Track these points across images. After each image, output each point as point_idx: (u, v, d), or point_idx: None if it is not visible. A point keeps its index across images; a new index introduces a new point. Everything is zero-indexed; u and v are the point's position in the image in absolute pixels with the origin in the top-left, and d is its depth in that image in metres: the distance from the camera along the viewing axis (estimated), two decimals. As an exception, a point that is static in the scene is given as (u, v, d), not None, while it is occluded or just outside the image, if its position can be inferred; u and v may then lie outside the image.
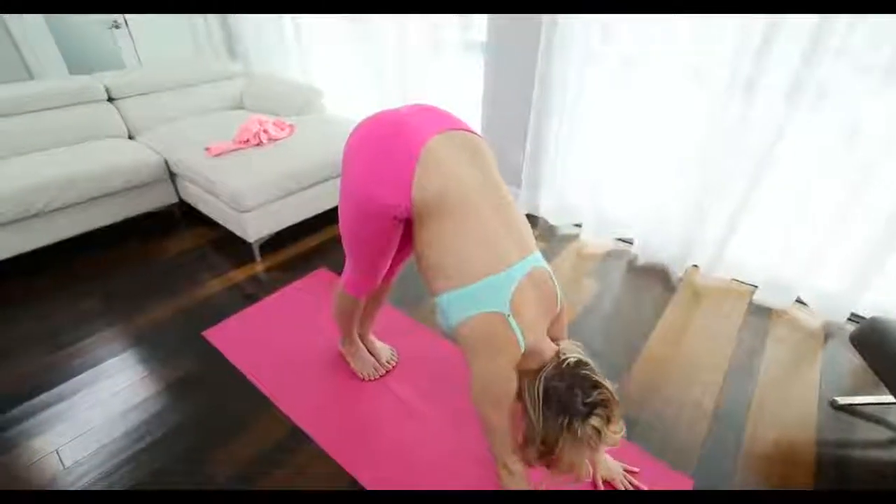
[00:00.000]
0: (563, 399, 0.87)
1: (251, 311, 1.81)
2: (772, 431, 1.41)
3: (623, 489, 1.18)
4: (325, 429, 1.36)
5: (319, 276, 2.04)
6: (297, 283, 1.98)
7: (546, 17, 2.00)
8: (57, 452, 1.30)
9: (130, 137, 2.47)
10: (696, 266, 2.13)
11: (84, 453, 1.29)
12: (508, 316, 0.90)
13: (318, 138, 2.32)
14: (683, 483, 1.24)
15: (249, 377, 1.52)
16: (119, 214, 2.17)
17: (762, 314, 1.90)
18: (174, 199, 2.36)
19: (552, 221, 2.49)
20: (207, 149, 2.11)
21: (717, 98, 1.75)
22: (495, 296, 0.90)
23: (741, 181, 1.83)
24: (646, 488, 1.19)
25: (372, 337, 1.58)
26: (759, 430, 1.42)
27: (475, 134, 1.04)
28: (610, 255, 2.28)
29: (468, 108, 2.60)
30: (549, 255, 2.25)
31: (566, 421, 0.86)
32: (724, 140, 1.80)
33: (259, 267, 2.09)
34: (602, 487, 1.19)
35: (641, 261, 2.21)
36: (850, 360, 1.70)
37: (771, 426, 1.43)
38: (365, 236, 1.11)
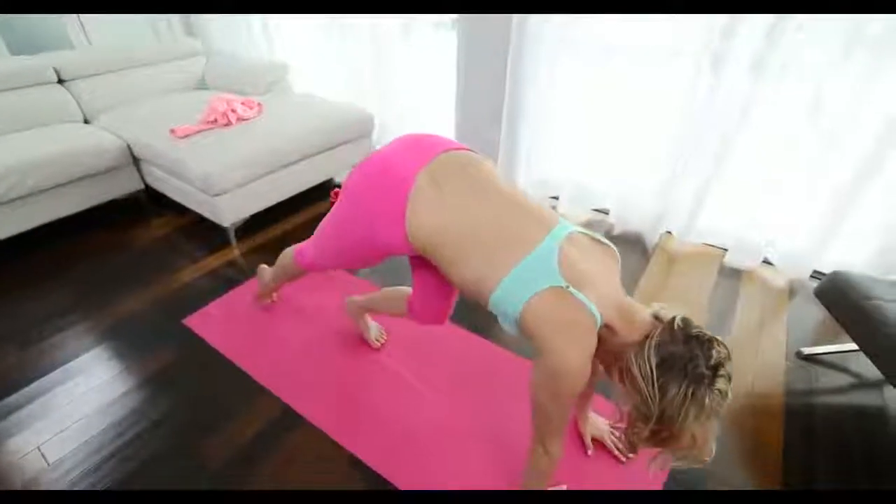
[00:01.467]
0: (684, 365, 0.76)
1: (231, 296, 1.78)
2: (744, 384, 1.50)
3: (612, 445, 1.24)
4: (318, 407, 1.37)
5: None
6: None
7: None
8: (39, 449, 1.26)
9: (86, 122, 2.33)
10: (669, 232, 2.20)
11: (68, 449, 1.26)
12: (567, 287, 0.82)
13: (289, 117, 2.25)
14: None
15: (235, 361, 1.50)
16: (82, 203, 2.07)
17: (733, 275, 1.99)
18: (140, 186, 2.26)
19: (530, 194, 2.51)
20: (172, 130, 2.01)
21: (687, 73, 1.79)
22: (541, 271, 0.84)
23: (711, 151, 1.88)
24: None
25: (367, 316, 1.58)
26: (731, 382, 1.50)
27: (464, 150, 1.01)
28: (587, 226, 2.31)
29: (441, 86, 2.56)
30: (528, 228, 2.28)
31: (690, 389, 0.75)
32: (694, 112, 1.84)
33: (236, 252, 2.04)
34: (591, 446, 1.25)
35: (618, 230, 2.26)
36: (814, 313, 1.81)
37: (742, 379, 1.51)
38: (348, 254, 1.16)
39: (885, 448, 1.33)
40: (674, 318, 0.81)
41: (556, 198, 2.45)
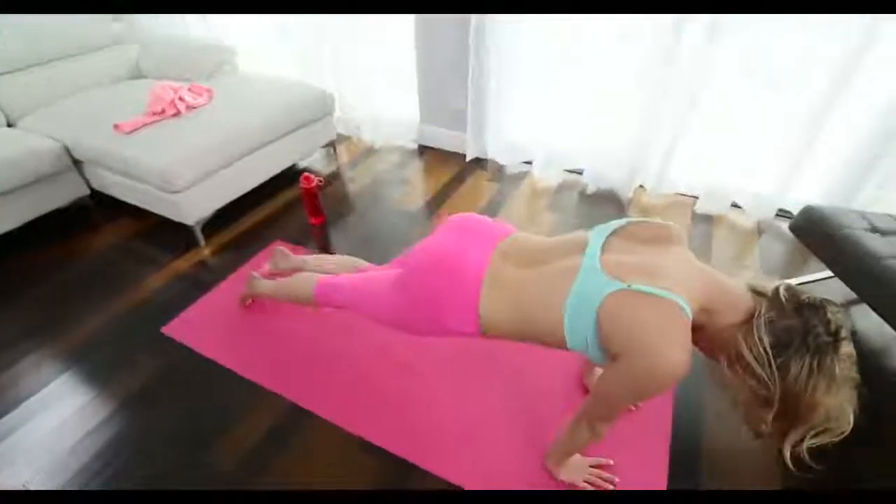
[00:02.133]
0: (803, 338, 0.71)
1: (210, 297, 1.67)
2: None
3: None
4: (324, 399, 1.32)
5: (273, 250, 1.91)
6: (252, 261, 1.84)
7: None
8: (25, 487, 1.15)
9: (10, 125, 2.08)
10: (642, 186, 2.25)
11: (59, 481, 1.16)
12: (630, 286, 0.77)
13: (243, 101, 2.10)
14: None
15: (227, 365, 1.42)
16: (21, 217, 1.86)
17: (705, 221, 2.08)
18: (85, 191, 2.06)
19: (502, 161, 2.50)
20: (117, 126, 1.83)
21: (650, 32, 1.82)
22: (592, 289, 0.80)
23: (676, 106, 1.93)
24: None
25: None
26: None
27: (511, 231, 1.05)
28: (562, 187, 2.34)
29: (401, 58, 2.46)
30: (504, 196, 2.27)
31: (815, 361, 0.70)
32: (660, 70, 1.87)
33: (205, 251, 1.91)
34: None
35: (592, 188, 2.29)
36: (781, 249, 1.92)
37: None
38: (401, 326, 1.10)
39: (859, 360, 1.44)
40: (777, 289, 0.76)
41: (529, 162, 2.45)
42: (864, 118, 1.72)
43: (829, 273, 1.63)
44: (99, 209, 2.12)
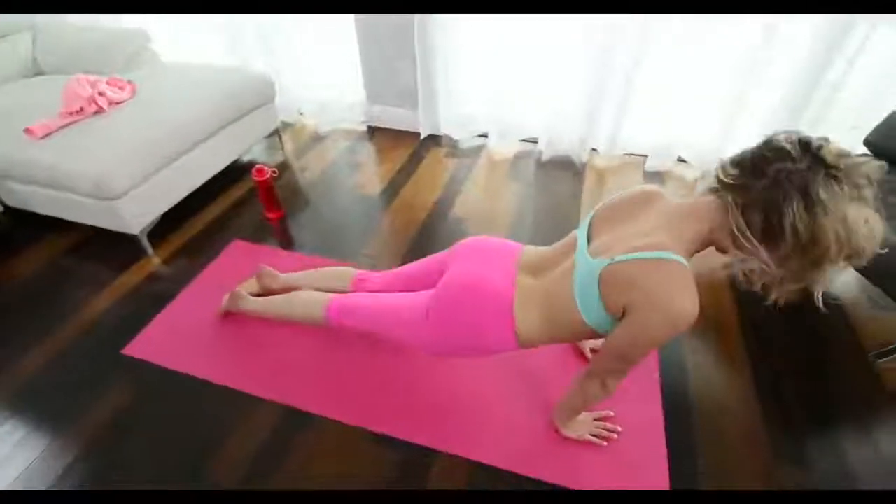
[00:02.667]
0: (777, 183, 0.70)
1: (171, 310, 1.54)
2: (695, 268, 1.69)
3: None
4: (320, 397, 1.28)
5: (236, 249, 1.79)
6: (214, 265, 1.71)
7: None
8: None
9: None
10: (595, 150, 2.32)
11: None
12: (612, 260, 0.83)
13: (174, 93, 1.90)
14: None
15: (207, 377, 1.33)
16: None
17: (655, 177, 2.19)
18: (-5, 209, 1.79)
19: (456, 136, 2.47)
20: (29, 131, 1.60)
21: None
22: (588, 273, 0.88)
23: (622, 70, 2.00)
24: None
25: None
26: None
27: (519, 247, 1.12)
28: (519, 157, 2.37)
29: (338, 32, 2.33)
30: (462, 170, 2.26)
31: (799, 195, 0.68)
32: (603, 37, 1.92)
33: (156, 261, 1.75)
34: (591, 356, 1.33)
35: (547, 155, 2.33)
36: (726, 196, 2.08)
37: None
38: (437, 350, 1.16)
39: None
40: (719, 177, 0.78)
41: (484, 135, 2.44)
42: (787, 71, 1.88)
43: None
44: (19, 229, 1.86)
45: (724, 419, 1.23)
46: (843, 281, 1.65)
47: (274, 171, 1.86)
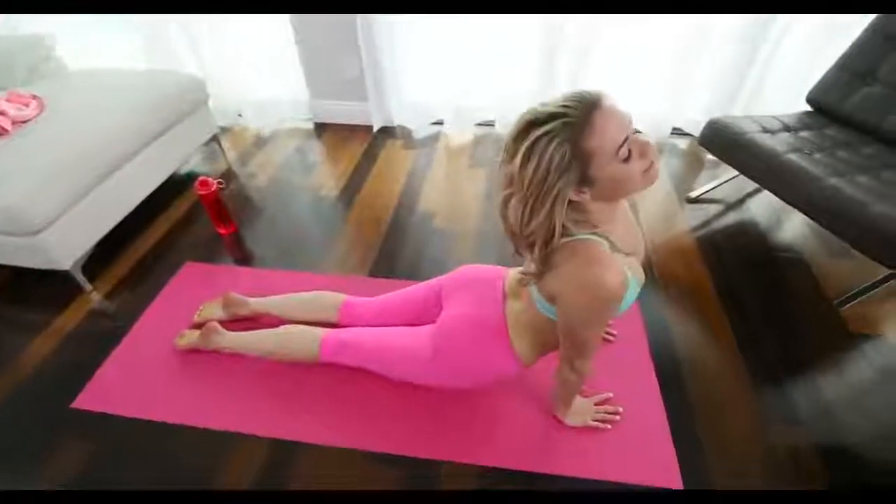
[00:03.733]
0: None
1: (123, 349, 1.37)
2: (658, 236, 1.72)
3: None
4: (306, 424, 1.18)
5: (189, 273, 1.63)
6: (166, 292, 1.55)
7: None
8: None
9: None
10: (552, 127, 2.31)
11: None
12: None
13: (91, 105, 1.69)
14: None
15: (176, 421, 1.19)
16: None
17: (614, 151, 2.21)
18: None
19: (411, 126, 2.38)
20: (-86, 163, 1.35)
21: None
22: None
23: (574, 46, 1.98)
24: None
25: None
26: (649, 237, 1.71)
27: (501, 272, 1.14)
28: (478, 142, 2.32)
29: (269, 25, 2.15)
30: (422, 161, 2.19)
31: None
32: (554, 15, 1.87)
33: (95, 296, 1.55)
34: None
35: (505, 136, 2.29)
36: (681, 164, 2.13)
37: (654, 234, 1.73)
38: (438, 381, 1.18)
39: (770, 239, 1.69)
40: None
41: (439, 123, 2.37)
42: (727, 46, 1.94)
43: (728, 176, 1.85)
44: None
45: (715, 383, 1.25)
46: (798, 233, 1.74)
47: (220, 182, 1.70)
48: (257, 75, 2.31)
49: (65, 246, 1.46)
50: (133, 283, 1.59)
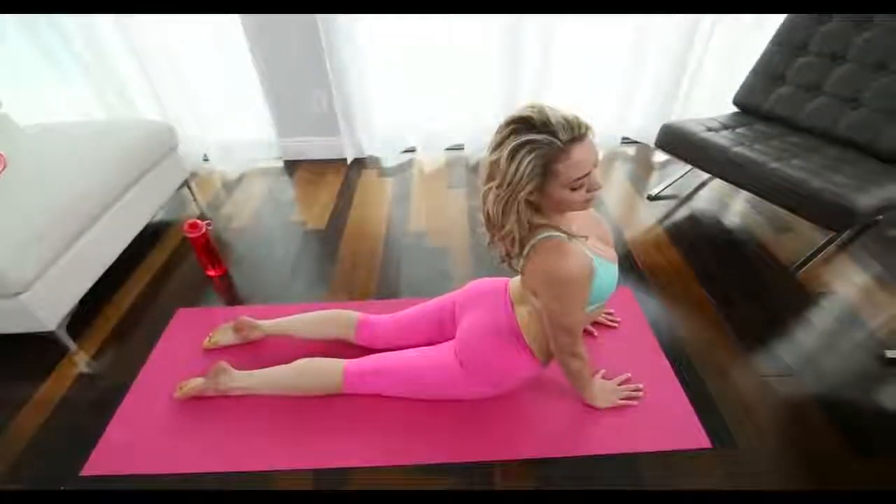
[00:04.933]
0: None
1: (126, 407, 1.28)
2: (631, 232, 1.90)
3: (605, 319, 1.41)
4: (337, 448, 1.17)
5: (183, 319, 1.56)
6: (162, 341, 1.47)
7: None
8: None
9: None
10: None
11: None
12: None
13: (55, 161, 1.60)
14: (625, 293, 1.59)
15: (206, 470, 1.13)
16: None
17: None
18: None
19: (383, 155, 2.46)
20: None
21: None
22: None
23: (530, 66, 2.18)
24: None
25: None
26: (625, 235, 1.88)
27: (504, 281, 1.21)
28: (449, 165, 2.43)
29: (230, 64, 2.16)
30: (401, 187, 2.26)
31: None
32: (508, 38, 2.08)
33: (83, 356, 1.44)
34: (594, 331, 1.43)
35: (475, 159, 2.43)
36: (635, 168, 2.36)
37: (627, 230, 1.91)
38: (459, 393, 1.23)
39: (723, 223, 1.91)
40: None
41: (411, 150, 2.46)
42: (662, 60, 2.22)
43: (680, 174, 2.09)
44: None
45: (712, 350, 1.39)
46: (744, 215, 1.98)
47: (209, 223, 1.66)
48: (221, 117, 2.30)
49: (48, 306, 1.36)
50: (121, 338, 1.50)
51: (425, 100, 2.28)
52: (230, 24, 2.04)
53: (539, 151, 0.80)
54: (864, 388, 1.28)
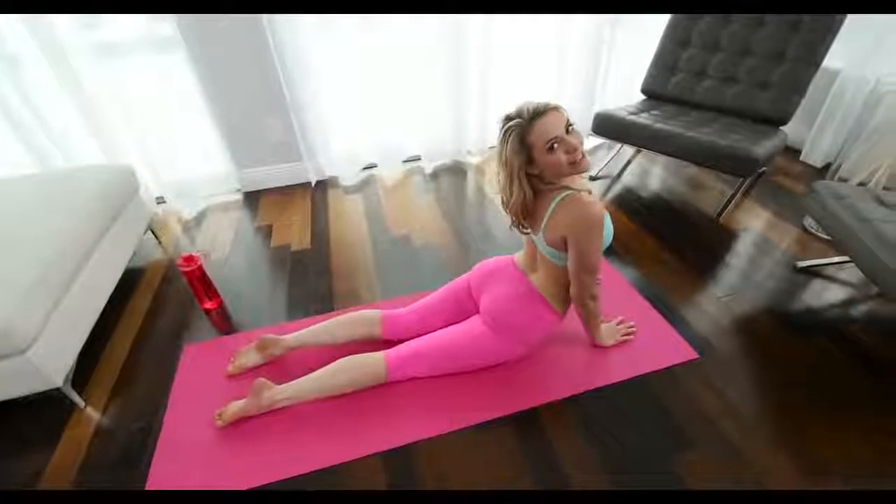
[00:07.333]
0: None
1: (162, 453, 1.23)
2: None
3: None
4: (391, 430, 1.25)
5: (192, 355, 1.53)
6: (178, 383, 1.43)
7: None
8: None
9: None
10: (470, 152, 2.70)
11: None
12: (543, 227, 1.18)
13: (22, 216, 1.50)
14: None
15: (269, 481, 1.16)
16: None
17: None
18: None
19: (345, 174, 2.54)
20: None
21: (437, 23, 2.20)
22: (543, 246, 1.24)
23: (474, 82, 2.43)
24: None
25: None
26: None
27: (510, 257, 1.42)
28: (408, 176, 2.58)
29: (177, 101, 2.15)
30: (370, 200, 2.36)
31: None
32: (453, 53, 2.30)
33: (92, 411, 1.36)
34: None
35: (430, 168, 2.61)
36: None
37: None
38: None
39: (651, 191, 2.27)
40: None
41: (373, 165, 2.57)
42: (581, 59, 2.58)
43: (610, 156, 2.44)
44: None
45: (677, 286, 1.69)
46: (665, 182, 2.37)
47: (205, 255, 1.65)
48: (175, 156, 2.24)
49: (54, 359, 1.28)
50: (129, 385, 1.44)
51: (379, 115, 2.40)
52: (176, 58, 2.03)
53: (515, 131, 1.08)
54: (789, 291, 1.64)
